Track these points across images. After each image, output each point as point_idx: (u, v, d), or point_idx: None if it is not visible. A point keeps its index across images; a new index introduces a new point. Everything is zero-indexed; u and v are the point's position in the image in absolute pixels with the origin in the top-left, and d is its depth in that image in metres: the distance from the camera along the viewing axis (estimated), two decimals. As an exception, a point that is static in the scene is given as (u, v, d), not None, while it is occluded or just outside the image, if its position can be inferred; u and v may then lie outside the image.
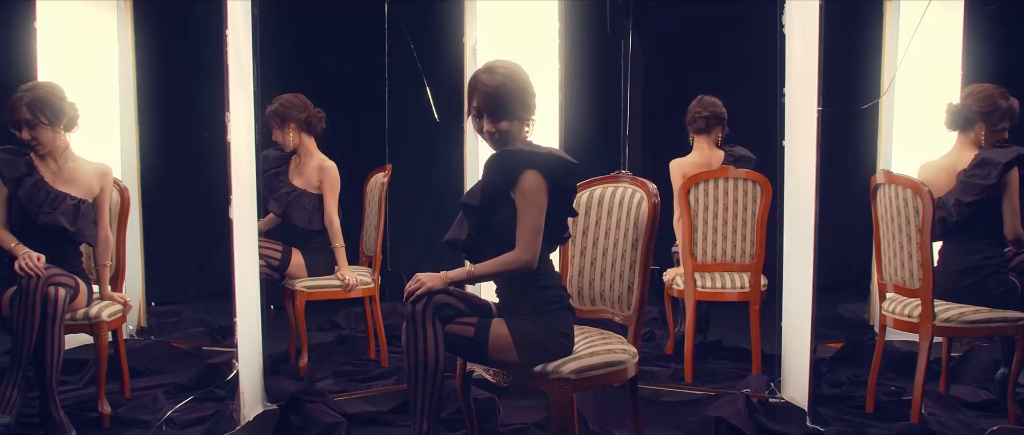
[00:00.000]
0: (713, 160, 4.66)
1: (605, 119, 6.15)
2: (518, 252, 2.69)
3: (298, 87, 4.59)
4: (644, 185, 3.00)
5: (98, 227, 3.74)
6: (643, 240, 2.94)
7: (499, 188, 2.71)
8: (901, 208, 3.59)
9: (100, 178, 3.73)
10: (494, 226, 2.74)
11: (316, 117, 4.48)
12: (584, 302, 3.16)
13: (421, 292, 2.68)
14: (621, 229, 3.02)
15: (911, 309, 3.63)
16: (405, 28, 5.71)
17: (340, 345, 5.03)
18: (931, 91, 4.74)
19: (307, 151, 4.48)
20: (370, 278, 4.54)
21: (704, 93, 4.78)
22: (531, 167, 2.69)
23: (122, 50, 4.99)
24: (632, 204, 3.00)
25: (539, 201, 2.69)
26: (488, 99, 2.74)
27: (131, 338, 5.04)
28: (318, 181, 4.43)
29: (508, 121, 2.74)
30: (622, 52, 6.05)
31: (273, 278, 4.45)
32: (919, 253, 3.54)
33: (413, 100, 5.62)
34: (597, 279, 3.11)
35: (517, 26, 4.37)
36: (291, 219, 4.43)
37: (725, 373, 4.45)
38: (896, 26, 4.85)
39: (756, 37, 5.90)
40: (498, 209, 2.72)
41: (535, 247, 2.70)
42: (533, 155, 2.69)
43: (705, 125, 4.68)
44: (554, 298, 2.79)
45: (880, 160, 5.06)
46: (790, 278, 3.79)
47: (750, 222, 4.31)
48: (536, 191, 2.68)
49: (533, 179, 2.68)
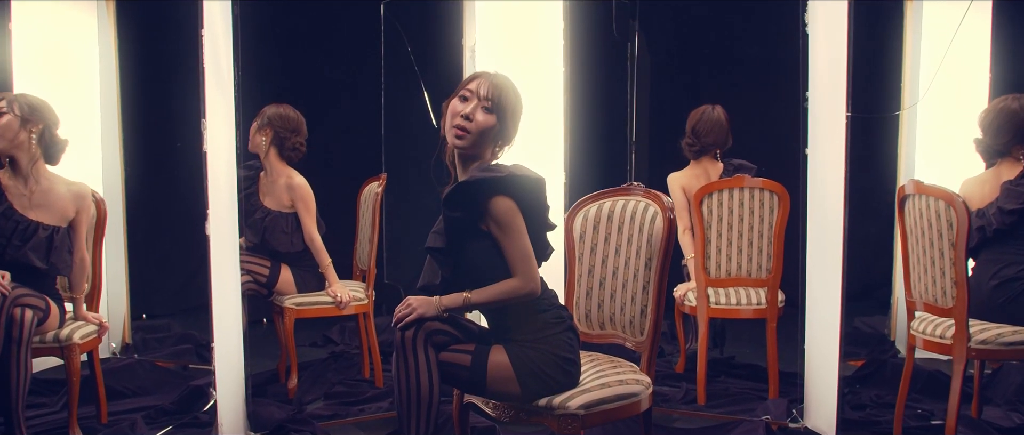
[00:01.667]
0: (712, 173, 4.41)
1: (611, 124, 5.89)
2: (518, 281, 2.45)
3: (287, 91, 4.36)
4: (658, 199, 2.74)
5: (74, 253, 3.47)
6: (657, 259, 2.69)
7: (464, 224, 2.48)
8: (933, 221, 3.33)
9: (76, 200, 3.45)
10: (469, 264, 2.51)
11: (293, 143, 4.17)
12: (592, 326, 2.91)
13: (411, 318, 2.43)
14: (633, 247, 2.77)
15: (943, 330, 3.37)
16: (401, 29, 5.47)
17: (333, 363, 4.78)
18: (957, 96, 4.47)
19: (273, 167, 4.20)
20: (364, 294, 4.29)
21: (714, 99, 4.51)
22: (497, 194, 2.45)
23: (103, 53, 4.73)
24: (645, 219, 2.74)
25: (517, 225, 2.46)
26: (495, 89, 2.51)
27: (114, 356, 4.79)
28: (289, 201, 4.17)
29: (497, 123, 2.51)
30: (628, 54, 5.82)
31: (261, 294, 4.21)
32: (952, 269, 3.28)
33: (410, 105, 5.37)
34: (606, 301, 2.85)
35: (518, 27, 4.10)
36: (271, 245, 4.17)
37: (740, 394, 4.20)
38: (919, 25, 4.57)
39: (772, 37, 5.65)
40: (468, 246, 2.49)
41: (534, 272, 2.47)
42: (494, 181, 2.44)
43: (703, 150, 4.43)
44: (554, 320, 2.54)
45: (901, 168, 4.79)
46: (814, 295, 3.53)
47: (767, 234, 4.05)
48: (510, 215, 2.45)
49: (503, 205, 2.44)
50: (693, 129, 4.42)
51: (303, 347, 5.15)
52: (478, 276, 2.48)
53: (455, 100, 2.53)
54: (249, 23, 3.37)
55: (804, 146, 3.42)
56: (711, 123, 4.37)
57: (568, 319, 2.58)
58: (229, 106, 3.17)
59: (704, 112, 4.41)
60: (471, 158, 2.55)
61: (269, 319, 4.82)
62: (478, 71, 2.58)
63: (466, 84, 2.54)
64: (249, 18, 3.33)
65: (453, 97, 2.54)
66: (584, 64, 5.23)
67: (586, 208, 2.92)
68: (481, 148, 2.53)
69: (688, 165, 4.49)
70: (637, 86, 5.88)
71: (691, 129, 4.43)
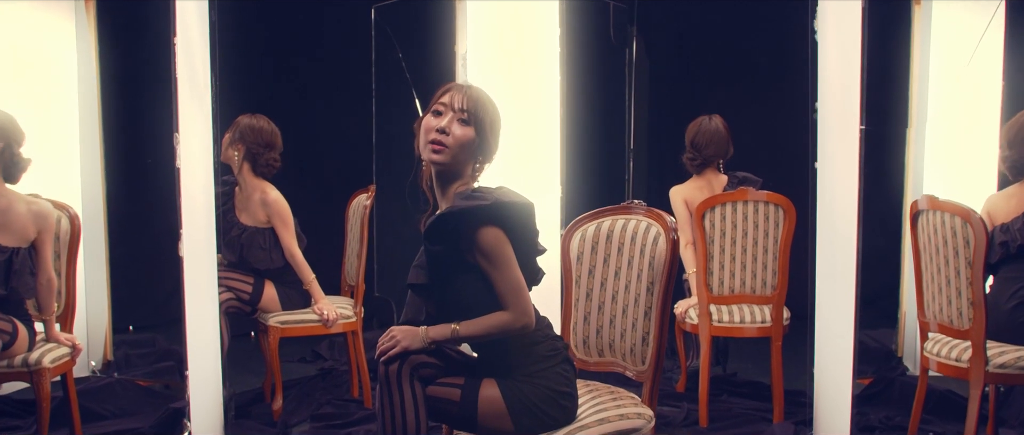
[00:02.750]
0: (716, 185, 4.22)
1: (608, 133, 5.73)
2: (511, 315, 2.26)
3: (271, 99, 4.17)
4: (661, 218, 2.57)
5: (37, 274, 3.28)
6: (660, 283, 2.51)
7: (448, 257, 2.29)
8: (948, 238, 3.16)
9: (37, 220, 3.24)
10: (455, 299, 2.32)
11: (266, 159, 3.97)
12: (590, 353, 2.74)
13: (395, 352, 2.26)
14: (634, 269, 2.60)
15: (959, 352, 3.21)
16: (392, 33, 5.30)
17: (321, 381, 4.60)
18: (967, 105, 4.31)
19: (247, 182, 4.00)
20: (351, 311, 4.11)
21: (715, 107, 4.34)
22: (483, 225, 2.25)
23: (82, 59, 4.54)
24: (647, 240, 2.57)
25: (506, 256, 2.26)
26: (470, 100, 2.31)
27: (94, 375, 4.61)
28: (265, 216, 3.99)
29: (476, 136, 2.31)
30: (627, 60, 5.66)
31: (244, 312, 4.04)
32: (969, 289, 3.12)
33: (402, 112, 5.21)
34: (606, 326, 2.68)
35: (512, 33, 3.93)
36: (250, 262, 3.99)
37: (744, 415, 4.03)
38: (927, 31, 4.39)
39: (778, 43, 5.48)
40: (454, 281, 2.30)
41: (526, 305, 2.28)
42: (479, 210, 2.24)
43: (705, 163, 4.24)
44: (548, 352, 2.36)
45: (909, 179, 4.61)
46: (824, 315, 3.36)
47: (772, 249, 3.88)
48: (499, 247, 2.25)
49: (490, 236, 2.25)
50: (692, 142, 4.24)
51: (291, 363, 4.99)
52: (465, 311, 2.30)
53: (428, 116, 2.33)
54: (229, 29, 3.19)
55: (813, 160, 3.24)
56: (710, 134, 4.20)
57: (563, 351, 2.41)
58: (206, 119, 2.99)
59: (701, 123, 4.23)
60: (451, 177, 2.36)
61: (257, 332, 4.64)
62: (449, 84, 2.39)
63: (438, 98, 2.35)
64: (229, 24, 3.15)
65: (425, 114, 2.35)
66: (581, 71, 5.06)
67: (584, 227, 2.75)
68: (461, 165, 2.34)
69: (690, 178, 4.31)
70: (635, 93, 5.72)
71: (690, 142, 4.25)
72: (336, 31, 5.83)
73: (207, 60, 2.96)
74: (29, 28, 4.35)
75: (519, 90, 3.87)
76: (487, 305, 2.28)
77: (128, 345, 5.12)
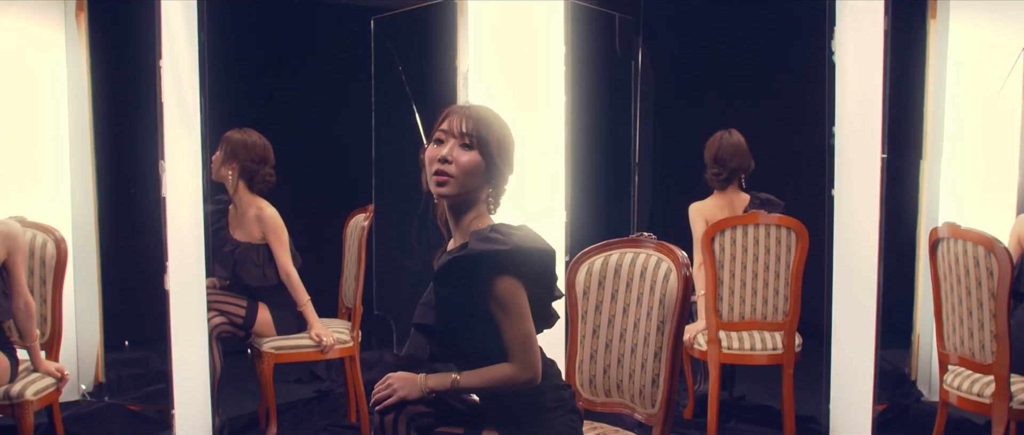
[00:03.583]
0: (737, 204, 4.05)
1: (613, 146, 5.60)
2: (516, 369, 2.11)
3: (266, 117, 4.04)
4: (672, 253, 2.44)
5: (12, 297, 3.15)
6: (671, 322, 2.38)
7: (458, 301, 2.13)
8: (970, 267, 3.03)
9: (5, 241, 3.09)
10: (461, 343, 2.18)
11: (262, 175, 3.86)
12: (597, 392, 2.60)
13: (392, 401, 2.12)
14: (643, 307, 2.46)
15: (981, 387, 3.07)
16: (392, 47, 5.17)
17: (318, 404, 4.47)
18: (983, 128, 4.15)
19: (242, 200, 3.88)
20: (349, 335, 3.98)
21: (723, 118, 4.19)
22: (500, 273, 2.08)
23: (72, 74, 4.40)
24: (657, 276, 2.44)
25: (520, 307, 2.10)
26: (472, 122, 2.13)
27: (84, 399, 4.48)
28: (260, 233, 3.86)
29: (483, 161, 2.13)
30: (632, 72, 5.53)
31: (238, 336, 3.91)
32: (992, 322, 2.98)
33: (403, 127, 5.08)
34: (613, 366, 2.55)
35: (515, 50, 3.78)
36: (242, 279, 3.85)
37: (753, 444, 3.90)
38: (944, 49, 4.23)
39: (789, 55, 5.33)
40: (462, 324, 2.15)
41: (533, 359, 2.12)
42: (495, 256, 2.07)
43: (731, 177, 4.06)
44: (555, 403, 2.22)
45: (923, 202, 4.45)
46: (840, 342, 3.22)
47: (783, 274, 3.75)
48: (513, 296, 2.09)
49: (505, 285, 2.08)
50: (716, 157, 4.04)
51: (288, 384, 4.86)
52: (471, 356, 2.16)
53: (430, 146, 2.17)
54: (218, 47, 3.05)
55: (830, 186, 3.09)
56: (732, 147, 4.01)
57: (570, 400, 2.27)
58: (195, 145, 2.85)
59: (722, 137, 4.04)
60: (463, 208, 2.19)
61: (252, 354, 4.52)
62: (449, 108, 2.21)
63: (438, 125, 2.17)
64: (218, 42, 3.01)
65: (428, 144, 2.18)
66: (586, 84, 4.91)
67: (590, 260, 2.61)
68: (472, 193, 2.16)
69: (711, 194, 4.12)
70: (641, 105, 5.59)
71: (714, 158, 4.05)
72: (334, 44, 5.70)
73: (196, 83, 2.82)
74: (16, 43, 4.23)
75: (523, 107, 3.72)
76: (494, 353, 2.13)
77: (122, 364, 4.98)
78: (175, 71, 2.70)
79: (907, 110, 4.35)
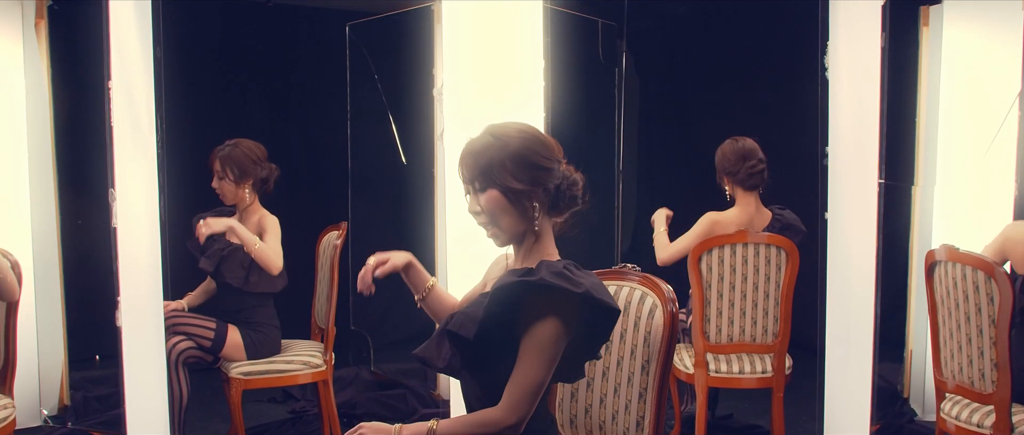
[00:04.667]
0: (758, 222, 3.77)
1: (596, 153, 5.45)
2: (502, 413, 1.94)
3: (238, 130, 3.87)
4: (657, 288, 2.28)
5: None
6: (657, 363, 2.23)
7: (502, 322, 1.96)
8: (969, 293, 2.89)
9: None
10: (487, 372, 2.01)
11: (273, 175, 3.83)
12: (578, 433, 2.45)
13: (364, 454, 1.96)
14: (627, 344, 2.31)
15: (980, 417, 2.94)
16: (368, 53, 5.01)
17: (291, 427, 4.31)
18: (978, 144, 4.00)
19: (252, 209, 3.79)
20: (321, 359, 3.82)
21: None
22: (553, 314, 1.92)
23: (31, 85, 4.20)
24: (642, 312, 2.29)
25: (551, 354, 1.94)
26: (468, 160, 2.02)
27: (46, 425, 4.29)
28: (258, 233, 3.72)
29: (501, 194, 1.99)
30: (616, 79, 5.39)
31: (205, 361, 3.74)
32: (993, 350, 2.85)
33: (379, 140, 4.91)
34: (595, 406, 2.39)
35: (492, 63, 3.60)
36: (223, 277, 3.68)
37: (743, 468, 3.77)
38: (937, 59, 4.09)
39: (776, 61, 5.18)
40: (498, 354, 1.98)
41: (527, 409, 1.95)
42: (563, 295, 1.91)
43: (762, 179, 3.74)
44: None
45: (915, 222, 4.30)
46: (833, 365, 3.07)
47: (773, 295, 3.60)
48: (552, 341, 1.93)
49: (552, 329, 1.93)
50: (742, 156, 3.70)
51: (260, 404, 4.69)
52: (489, 388, 2.00)
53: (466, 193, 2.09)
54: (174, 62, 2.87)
55: (822, 209, 2.93)
56: (748, 149, 3.71)
57: (553, 433, 2.12)
58: (150, 169, 2.66)
59: (738, 141, 3.74)
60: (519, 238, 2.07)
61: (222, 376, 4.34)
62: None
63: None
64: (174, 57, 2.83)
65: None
66: (567, 91, 4.73)
67: (570, 292, 2.45)
68: (518, 224, 2.04)
69: (732, 206, 3.79)
70: (625, 112, 5.45)
71: (739, 158, 3.70)
72: (308, 52, 5.51)
73: (152, 104, 2.63)
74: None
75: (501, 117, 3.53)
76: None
77: (90, 383, 4.80)
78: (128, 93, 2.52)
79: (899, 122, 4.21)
